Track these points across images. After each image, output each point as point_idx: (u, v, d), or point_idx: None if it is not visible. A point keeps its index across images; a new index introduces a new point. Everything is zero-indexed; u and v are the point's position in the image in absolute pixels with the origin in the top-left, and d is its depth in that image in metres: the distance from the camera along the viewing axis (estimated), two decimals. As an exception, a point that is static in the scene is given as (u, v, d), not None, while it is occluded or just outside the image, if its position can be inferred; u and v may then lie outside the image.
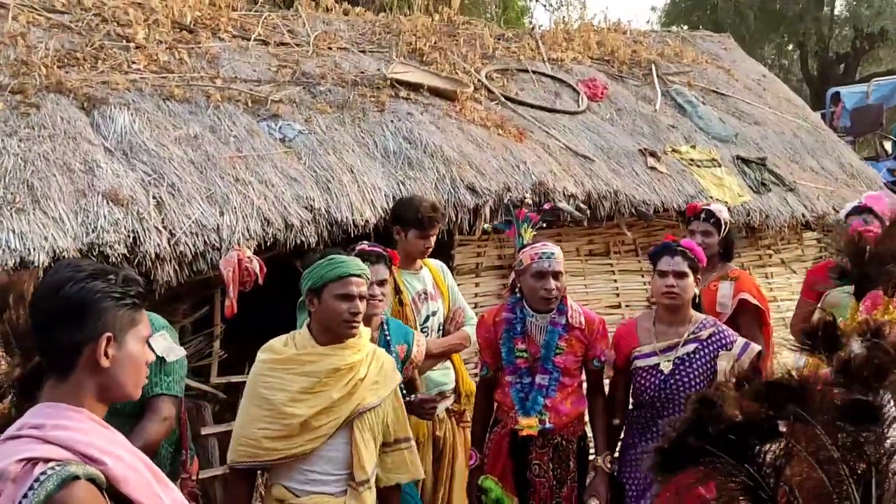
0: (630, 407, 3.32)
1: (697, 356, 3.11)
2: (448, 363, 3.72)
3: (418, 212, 3.58)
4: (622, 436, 3.35)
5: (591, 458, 3.33)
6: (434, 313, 3.67)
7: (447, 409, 3.68)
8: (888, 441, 1.35)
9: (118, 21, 5.31)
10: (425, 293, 3.67)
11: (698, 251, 3.27)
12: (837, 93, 12.46)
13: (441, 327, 3.71)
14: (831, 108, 12.15)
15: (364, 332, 2.75)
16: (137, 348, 1.55)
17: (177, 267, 3.73)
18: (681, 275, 3.12)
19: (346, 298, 2.60)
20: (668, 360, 3.12)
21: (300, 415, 2.55)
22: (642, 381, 3.17)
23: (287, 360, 2.63)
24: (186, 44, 5.35)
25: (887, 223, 2.93)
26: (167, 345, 2.67)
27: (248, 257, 3.80)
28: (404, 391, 3.13)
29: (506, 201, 4.69)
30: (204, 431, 4.11)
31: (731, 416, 1.34)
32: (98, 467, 1.39)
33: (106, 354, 1.48)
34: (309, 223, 4.14)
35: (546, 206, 4.44)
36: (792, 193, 6.07)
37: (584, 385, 3.35)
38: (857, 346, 1.51)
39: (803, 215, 6.00)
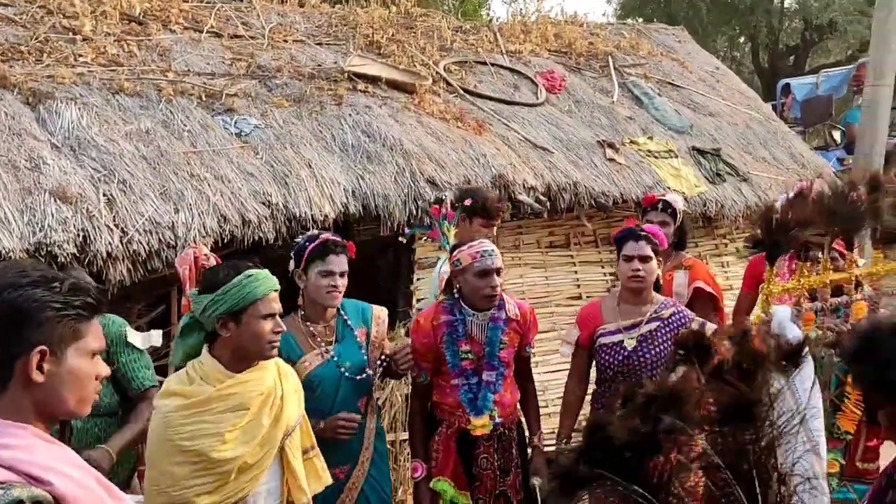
0: (594, 384, 3.47)
1: (659, 334, 3.29)
2: None
3: (486, 202, 3.74)
4: (587, 411, 3.50)
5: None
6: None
7: None
8: (765, 439, 1.39)
9: (64, 13, 5.14)
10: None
11: (660, 236, 3.43)
12: (788, 84, 12.74)
13: None
14: (782, 100, 12.41)
15: None
16: (81, 363, 1.44)
17: (130, 266, 3.64)
18: (645, 259, 3.27)
19: (270, 318, 2.34)
20: (632, 338, 3.29)
21: (236, 457, 2.26)
22: (606, 357, 3.33)
23: (207, 401, 2.28)
24: (136, 36, 5.21)
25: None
26: (142, 336, 2.72)
27: (205, 255, 3.71)
28: (381, 361, 3.12)
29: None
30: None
31: (617, 438, 1.36)
32: (44, 488, 1.31)
33: (40, 369, 1.38)
34: (267, 219, 4.07)
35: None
36: (746, 183, 6.17)
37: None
38: (726, 351, 1.55)
39: (757, 205, 6.11)
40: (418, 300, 4.89)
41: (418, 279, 4.90)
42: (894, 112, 10.52)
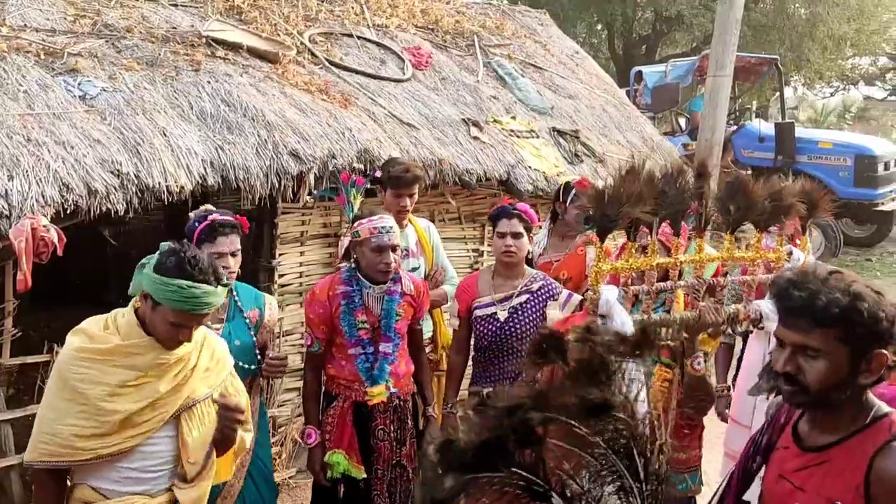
0: (472, 351, 3.69)
1: (529, 305, 3.52)
2: (426, 315, 3.87)
3: (390, 171, 3.86)
4: (470, 376, 3.73)
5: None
6: (414, 269, 3.92)
7: None
8: (638, 415, 1.46)
9: None
10: (406, 250, 3.92)
11: (531, 213, 3.64)
12: (640, 71, 13.45)
13: None
14: (635, 86, 13.08)
15: None
16: None
17: (-44, 237, 3.30)
18: (517, 235, 3.51)
19: (182, 327, 2.32)
20: (504, 310, 3.52)
21: (121, 410, 2.27)
22: (481, 328, 3.56)
23: (109, 351, 2.30)
24: (-38, -16, 4.70)
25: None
26: None
27: (44, 226, 3.44)
28: (259, 356, 3.13)
29: (331, 168, 4.60)
30: (-4, 419, 3.71)
31: (473, 442, 1.38)
32: None
33: None
34: (116, 189, 3.81)
35: (376, 173, 4.42)
36: (601, 165, 6.47)
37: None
38: (576, 348, 1.64)
39: (611, 185, 6.42)
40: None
41: (280, 254, 4.78)
42: (732, 101, 11.39)
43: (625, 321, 2.64)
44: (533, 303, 3.54)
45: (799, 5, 18.05)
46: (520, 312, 3.52)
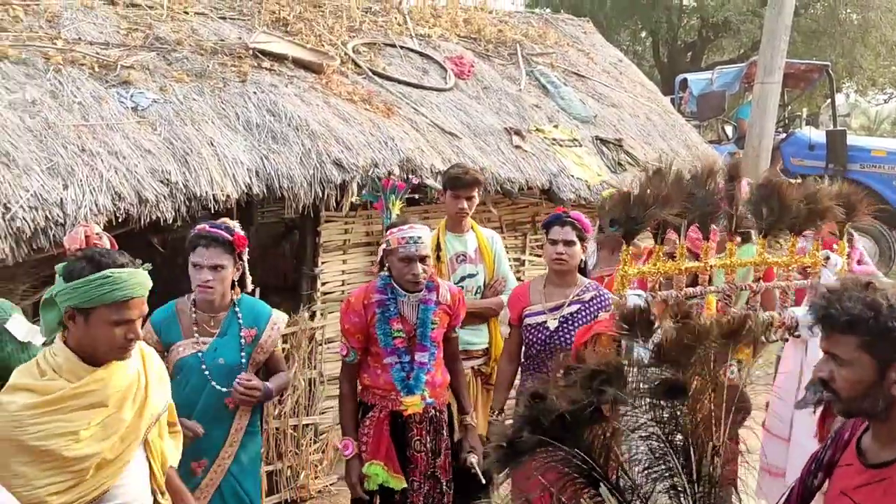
0: (523, 359, 3.66)
1: (580, 315, 3.48)
2: (482, 326, 3.96)
3: (449, 173, 3.96)
4: (518, 384, 3.71)
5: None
6: (472, 276, 3.96)
7: (473, 369, 3.90)
8: (700, 414, 1.45)
9: (-61, -29, 4.75)
10: (465, 255, 3.97)
11: (585, 222, 3.60)
12: (685, 79, 13.26)
13: (480, 291, 3.99)
14: (680, 94, 12.91)
15: None
16: None
17: (13, 244, 3.41)
18: (569, 243, 3.48)
19: (123, 324, 2.12)
20: (555, 318, 3.50)
21: (93, 454, 2.10)
22: (531, 336, 3.55)
23: (61, 399, 2.07)
24: (22, 0, 4.87)
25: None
26: (28, 328, 2.39)
27: (97, 234, 3.53)
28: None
29: (374, 177, 4.64)
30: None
31: (558, 406, 1.40)
32: None
33: None
34: (165, 198, 3.91)
35: (414, 180, 4.45)
36: (643, 174, 6.39)
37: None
38: (668, 328, 1.63)
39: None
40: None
41: (323, 262, 4.83)
42: (781, 109, 11.15)
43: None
44: (584, 313, 3.49)
45: (850, 10, 17.63)
46: (570, 322, 3.48)
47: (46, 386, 2.09)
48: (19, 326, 2.37)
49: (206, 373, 2.95)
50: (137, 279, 2.16)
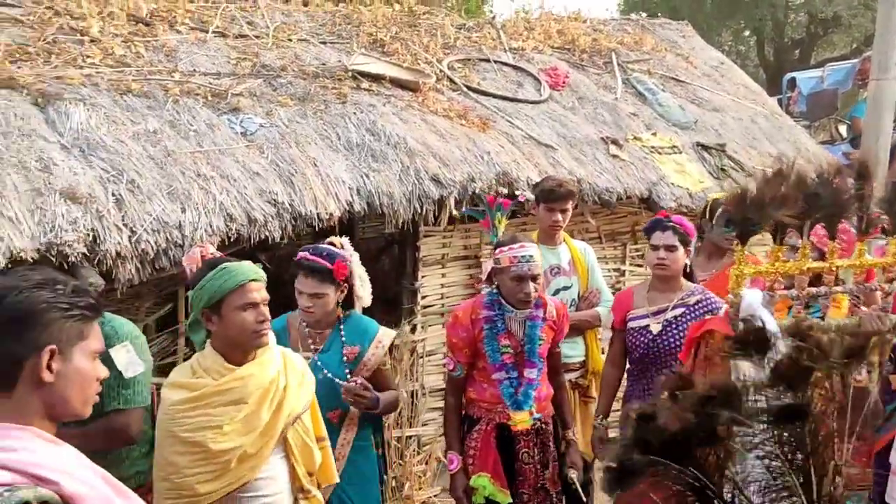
0: (628, 363, 3.66)
1: (684, 319, 3.44)
2: (578, 338, 3.96)
3: (543, 185, 3.97)
4: (623, 388, 3.72)
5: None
6: (566, 288, 3.96)
7: (571, 381, 3.91)
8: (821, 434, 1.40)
9: (71, 14, 5.19)
10: (559, 268, 3.97)
11: (688, 226, 3.53)
12: (793, 78, 12.70)
13: (574, 303, 3.99)
14: (788, 94, 12.37)
15: (269, 335, 2.53)
16: (85, 363, 1.46)
17: (138, 265, 3.67)
18: (671, 248, 3.44)
19: (249, 307, 2.37)
20: (658, 322, 3.48)
21: (235, 447, 2.33)
22: (634, 340, 3.54)
23: (207, 395, 2.35)
24: (143, 37, 5.25)
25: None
26: (129, 359, 2.57)
27: (212, 253, 3.76)
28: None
29: (470, 192, 4.70)
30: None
31: (669, 427, 1.38)
32: (50, 488, 1.32)
33: (49, 368, 1.40)
34: (273, 218, 4.11)
35: (521, 197, 4.47)
36: (750, 179, 6.18)
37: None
38: (784, 347, 1.57)
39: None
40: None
41: (422, 276, 4.93)
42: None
43: (771, 327, 2.51)
44: (688, 317, 3.44)
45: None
46: (674, 326, 3.46)
47: (195, 383, 2.36)
48: (122, 356, 2.53)
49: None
50: (248, 266, 2.43)
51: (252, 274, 2.41)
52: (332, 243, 3.16)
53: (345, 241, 3.21)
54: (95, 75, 4.59)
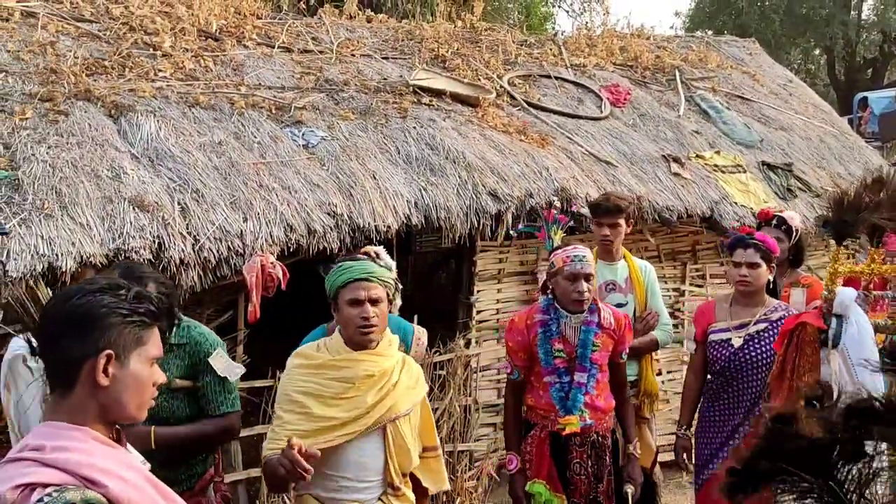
0: (708, 376, 3.66)
1: (766, 335, 3.44)
2: (632, 359, 3.87)
3: (600, 199, 3.94)
4: (701, 400, 3.69)
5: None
6: (621, 305, 3.84)
7: None
8: None
9: (145, 30, 5.39)
10: (614, 284, 3.91)
11: (771, 243, 3.50)
12: (865, 98, 12.33)
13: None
14: (859, 114, 12.02)
15: (393, 339, 2.70)
16: (142, 369, 1.49)
17: (201, 272, 3.76)
18: (753, 265, 3.43)
19: (355, 304, 2.54)
20: (739, 337, 3.48)
21: (336, 418, 2.52)
22: (715, 353, 3.54)
23: (321, 366, 2.58)
24: (212, 51, 5.41)
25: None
26: (227, 364, 2.75)
27: (272, 263, 3.83)
28: None
29: (528, 207, 4.68)
30: (227, 436, 4.12)
31: (810, 435, 1.29)
32: (98, 490, 1.34)
33: (105, 372, 1.43)
34: (331, 229, 4.16)
35: (575, 209, 4.44)
36: (819, 200, 5.99)
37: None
38: None
39: (830, 222, 5.90)
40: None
41: (478, 291, 4.92)
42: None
43: (862, 323, 2.57)
44: (771, 332, 3.42)
45: None
46: (756, 341, 3.45)
47: (314, 355, 2.63)
48: (220, 361, 2.75)
49: None
50: (362, 266, 2.60)
51: (359, 273, 2.57)
52: (366, 253, 3.21)
53: (380, 249, 3.24)
54: (166, 88, 4.75)
